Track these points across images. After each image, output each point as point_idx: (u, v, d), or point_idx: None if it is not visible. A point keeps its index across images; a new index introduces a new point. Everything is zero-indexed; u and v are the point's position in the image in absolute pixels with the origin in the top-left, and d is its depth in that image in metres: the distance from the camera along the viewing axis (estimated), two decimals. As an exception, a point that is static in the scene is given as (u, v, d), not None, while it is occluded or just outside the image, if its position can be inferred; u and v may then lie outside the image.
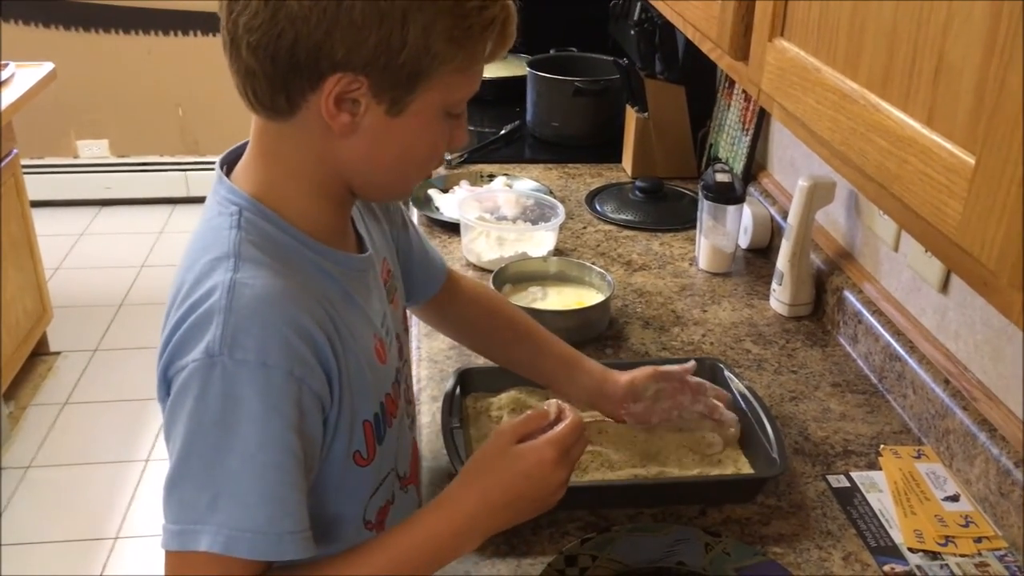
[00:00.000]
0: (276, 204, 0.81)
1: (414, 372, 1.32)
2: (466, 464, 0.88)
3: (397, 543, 0.81)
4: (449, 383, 1.21)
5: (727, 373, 1.25)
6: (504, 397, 1.22)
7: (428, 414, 1.23)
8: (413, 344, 1.39)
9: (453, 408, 1.17)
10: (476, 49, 0.78)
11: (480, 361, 1.34)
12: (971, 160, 0.56)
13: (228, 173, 0.84)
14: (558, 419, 0.89)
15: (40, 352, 2.96)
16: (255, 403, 0.72)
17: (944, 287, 1.22)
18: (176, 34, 3.81)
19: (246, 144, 0.86)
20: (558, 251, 1.67)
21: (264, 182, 0.81)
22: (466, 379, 1.23)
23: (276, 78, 0.75)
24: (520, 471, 0.84)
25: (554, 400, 0.92)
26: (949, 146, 0.58)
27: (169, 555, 0.74)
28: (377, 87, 0.75)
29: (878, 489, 1.13)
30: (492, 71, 2.31)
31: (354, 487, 0.87)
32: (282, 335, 0.74)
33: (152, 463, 2.57)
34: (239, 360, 0.72)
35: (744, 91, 1.64)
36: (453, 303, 1.16)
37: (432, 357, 1.35)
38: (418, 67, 0.75)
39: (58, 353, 3.02)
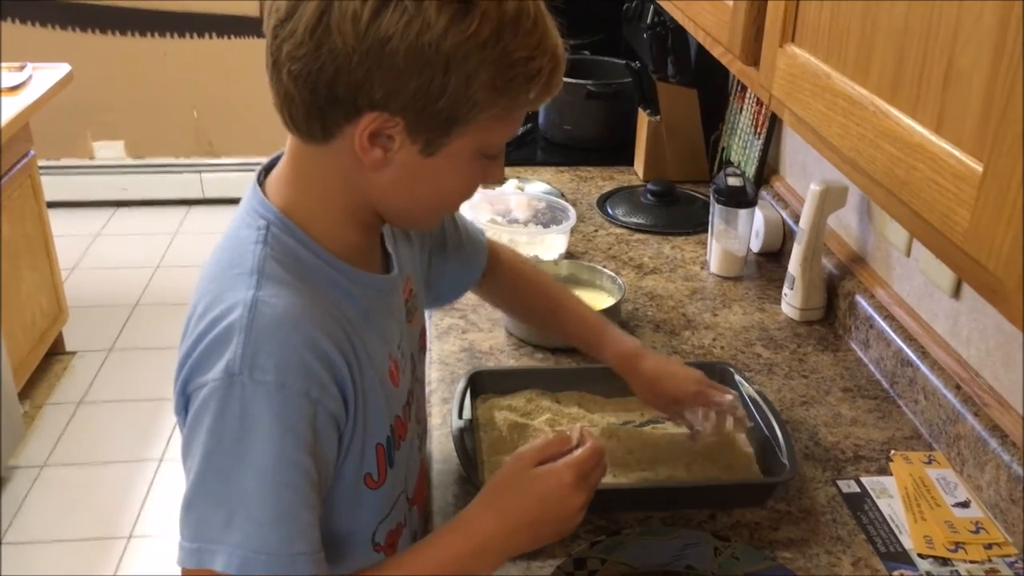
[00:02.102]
0: (304, 221, 0.80)
1: (424, 373, 1.33)
2: (485, 485, 0.88)
3: (414, 561, 0.82)
4: (460, 385, 1.22)
5: (737, 377, 1.25)
6: (515, 399, 1.23)
7: (439, 416, 1.24)
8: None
9: (464, 410, 1.18)
10: (519, 98, 0.77)
11: (491, 363, 1.35)
12: (979, 168, 0.56)
13: (266, 177, 0.85)
14: (579, 445, 0.89)
15: (56, 352, 2.99)
16: (271, 424, 0.72)
17: (956, 292, 1.22)
18: (191, 36, 3.83)
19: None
20: (569, 254, 1.67)
21: (294, 198, 0.81)
22: (477, 381, 1.24)
23: (313, 107, 0.75)
24: (538, 494, 0.84)
25: (578, 425, 0.92)
26: (957, 153, 0.59)
27: (185, 573, 0.75)
28: (413, 128, 0.75)
29: (888, 495, 1.13)
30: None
31: (364, 508, 0.87)
32: (301, 356, 0.74)
33: (166, 463, 2.59)
34: (258, 380, 0.72)
35: (758, 96, 1.64)
36: (495, 280, 1.17)
37: (443, 359, 1.36)
38: (456, 114, 0.74)
39: (73, 353, 3.04)
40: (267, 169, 0.86)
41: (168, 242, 3.78)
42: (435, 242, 1.06)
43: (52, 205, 3.01)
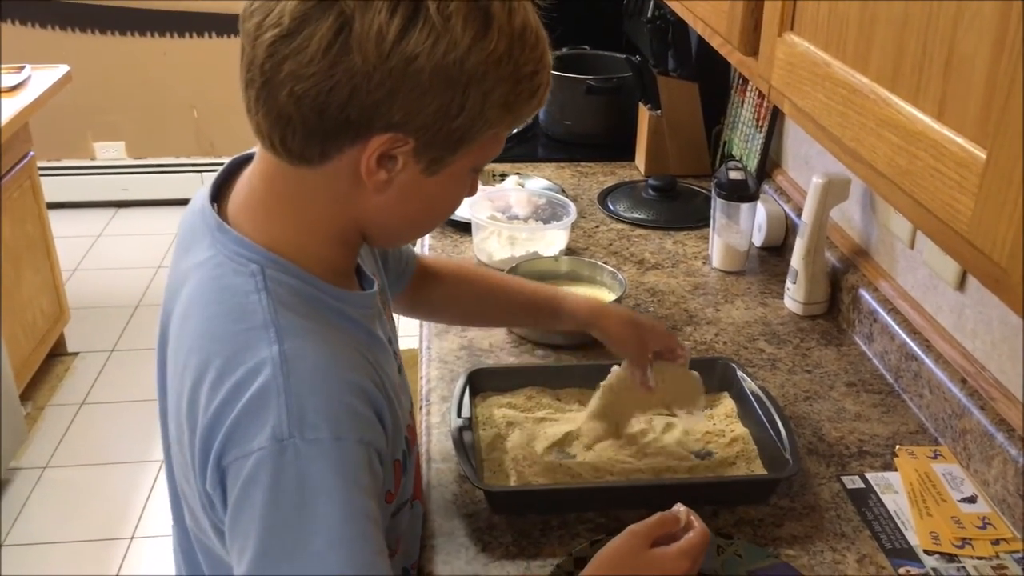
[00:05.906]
0: (293, 254, 0.77)
1: (423, 372, 1.32)
2: (598, 556, 0.87)
3: None
4: (459, 383, 1.21)
5: (740, 373, 1.24)
6: (515, 396, 1.22)
7: (438, 414, 1.22)
8: (423, 344, 1.39)
9: (462, 409, 1.16)
10: (521, 114, 0.76)
11: (490, 361, 1.34)
12: (982, 155, 0.55)
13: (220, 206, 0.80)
14: (687, 526, 0.88)
15: (57, 353, 2.98)
16: (334, 480, 0.69)
17: (961, 285, 1.20)
18: (191, 36, 3.82)
19: (230, 172, 0.82)
20: (570, 250, 1.66)
21: (278, 231, 0.77)
22: (476, 379, 1.23)
23: (316, 130, 0.70)
24: None
25: (683, 507, 0.91)
26: (960, 140, 0.57)
27: None
28: (423, 148, 0.73)
29: (893, 490, 1.11)
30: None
31: (383, 522, 0.85)
32: (347, 403, 0.72)
33: (168, 463, 2.58)
34: (311, 440, 0.68)
35: (758, 88, 1.63)
36: (430, 288, 1.15)
37: (442, 357, 1.35)
38: (468, 132, 0.73)
39: (75, 354, 3.04)
40: (217, 188, 0.82)
41: (170, 242, 3.76)
42: None
43: (53, 206, 3.01)
